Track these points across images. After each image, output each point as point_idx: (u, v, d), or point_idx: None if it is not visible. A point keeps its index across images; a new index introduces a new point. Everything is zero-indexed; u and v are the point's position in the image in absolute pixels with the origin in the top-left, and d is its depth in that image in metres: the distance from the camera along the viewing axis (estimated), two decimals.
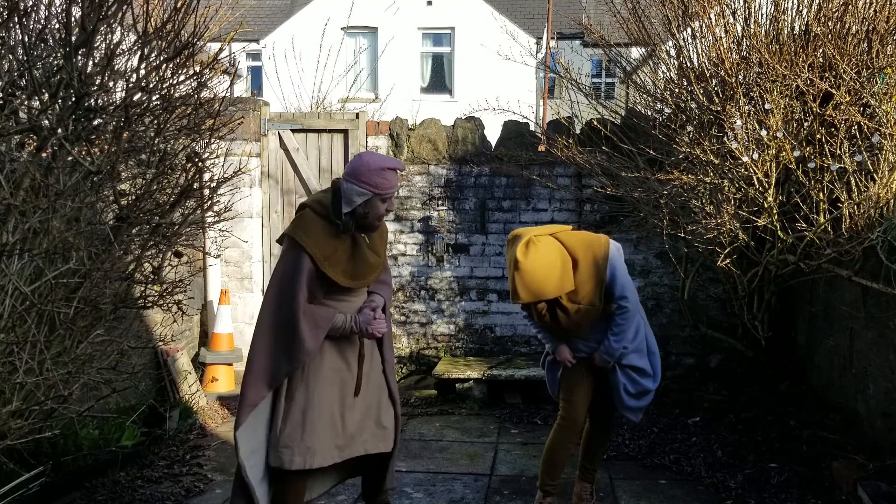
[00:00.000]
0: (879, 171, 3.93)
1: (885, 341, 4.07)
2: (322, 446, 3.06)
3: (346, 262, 3.08)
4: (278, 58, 10.53)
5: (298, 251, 3.01)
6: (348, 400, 3.14)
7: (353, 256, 3.09)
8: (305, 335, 2.97)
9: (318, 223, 3.06)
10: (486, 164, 6.48)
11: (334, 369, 3.13)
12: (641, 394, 3.64)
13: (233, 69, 6.82)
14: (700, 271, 5.97)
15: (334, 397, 3.11)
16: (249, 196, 6.44)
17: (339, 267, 3.06)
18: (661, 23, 5.74)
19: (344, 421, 3.12)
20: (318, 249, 3.00)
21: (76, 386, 2.76)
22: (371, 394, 3.23)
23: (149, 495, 4.01)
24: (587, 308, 3.47)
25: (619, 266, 3.51)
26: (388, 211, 3.09)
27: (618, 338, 3.51)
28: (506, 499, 4.10)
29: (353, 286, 3.10)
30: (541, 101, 16.86)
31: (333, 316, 3.05)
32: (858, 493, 3.69)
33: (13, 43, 2.66)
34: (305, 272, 3.00)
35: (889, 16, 4.25)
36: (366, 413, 3.20)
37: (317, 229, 3.05)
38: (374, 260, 3.18)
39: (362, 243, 3.12)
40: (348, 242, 3.09)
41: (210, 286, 6.36)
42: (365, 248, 3.14)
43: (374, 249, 3.19)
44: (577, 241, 3.48)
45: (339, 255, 3.05)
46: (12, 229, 2.47)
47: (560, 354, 3.63)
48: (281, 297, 3.05)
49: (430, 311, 6.60)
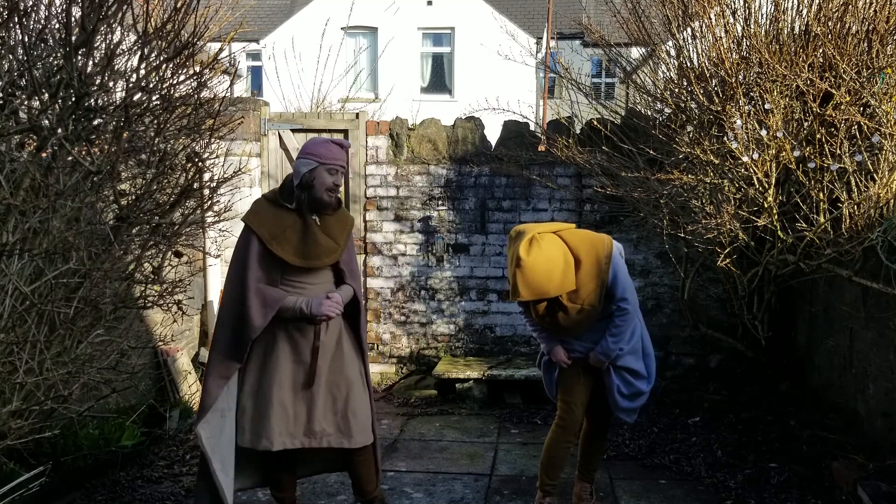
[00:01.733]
0: (879, 171, 3.93)
1: (885, 341, 4.07)
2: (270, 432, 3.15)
3: (296, 243, 3.18)
4: (278, 58, 10.52)
5: (247, 233, 3.20)
6: (300, 391, 3.20)
7: (304, 237, 3.20)
8: (253, 312, 3.09)
9: (266, 207, 3.25)
10: (486, 164, 6.48)
11: (287, 359, 3.20)
12: (635, 395, 3.64)
13: (233, 69, 6.82)
14: (700, 271, 5.97)
15: (286, 387, 3.18)
16: (249, 196, 6.44)
17: (289, 246, 3.17)
18: (661, 23, 5.74)
19: (295, 410, 3.19)
20: (266, 229, 3.16)
21: (76, 386, 2.76)
22: (337, 387, 3.27)
23: (149, 495, 4.01)
24: (587, 308, 3.46)
25: (620, 267, 3.50)
26: (335, 185, 3.19)
27: (615, 339, 3.50)
28: (506, 499, 4.10)
29: (303, 265, 3.19)
30: (541, 101, 16.86)
31: (284, 297, 3.15)
32: (858, 493, 3.69)
33: (13, 43, 2.66)
34: (254, 253, 3.15)
35: (889, 16, 4.25)
36: (327, 406, 3.24)
37: (265, 212, 3.22)
38: (327, 243, 3.25)
39: (313, 225, 3.23)
40: (299, 223, 3.21)
41: (210, 286, 6.36)
42: (317, 230, 3.23)
43: (328, 234, 3.27)
44: (581, 241, 3.46)
45: (287, 234, 3.18)
46: (12, 229, 2.47)
47: (555, 355, 3.62)
48: (231, 278, 3.23)
49: (430, 311, 6.60)
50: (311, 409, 3.20)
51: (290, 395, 3.18)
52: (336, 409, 3.25)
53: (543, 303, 3.49)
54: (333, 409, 3.25)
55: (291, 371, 3.20)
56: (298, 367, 3.21)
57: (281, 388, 3.17)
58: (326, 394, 3.23)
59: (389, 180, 6.59)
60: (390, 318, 6.65)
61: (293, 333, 3.21)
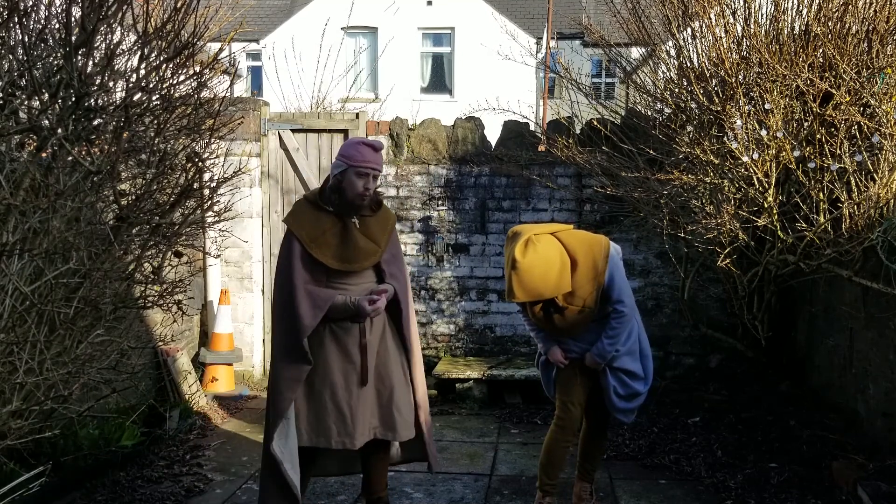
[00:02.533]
0: (879, 171, 3.93)
1: (885, 341, 4.07)
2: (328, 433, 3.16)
3: (335, 246, 3.17)
4: (278, 58, 10.52)
5: (289, 236, 3.20)
6: (354, 390, 3.19)
7: (344, 240, 3.18)
8: (303, 312, 3.09)
9: (307, 209, 3.23)
10: (486, 164, 6.48)
11: (336, 359, 3.19)
12: (631, 396, 3.64)
13: (233, 69, 6.82)
14: (700, 271, 5.97)
15: (338, 387, 3.18)
16: (249, 196, 6.44)
17: (329, 250, 3.16)
18: (661, 23, 5.74)
19: (352, 411, 3.18)
20: (305, 232, 3.15)
21: (76, 386, 2.76)
22: (382, 382, 3.27)
23: (149, 495, 4.01)
24: (584, 310, 3.46)
25: (617, 269, 3.49)
26: (366, 189, 3.15)
27: (611, 341, 3.50)
28: (506, 499, 4.10)
29: (342, 269, 3.18)
30: (541, 101, 16.86)
31: (333, 296, 3.14)
32: (858, 493, 3.69)
33: (13, 43, 2.66)
34: (298, 255, 3.15)
35: (889, 16, 4.24)
36: (374, 401, 3.25)
37: (305, 214, 3.21)
38: (366, 245, 3.23)
39: (353, 228, 3.21)
40: (339, 227, 3.19)
41: (210, 286, 6.36)
42: (356, 233, 3.21)
43: (368, 236, 3.25)
44: (578, 242, 3.45)
45: (327, 237, 3.16)
46: (12, 229, 2.47)
47: (552, 356, 3.63)
48: (279, 282, 3.23)
49: (430, 311, 6.60)
50: (366, 407, 3.21)
51: (345, 395, 3.18)
52: (381, 403, 3.26)
53: (540, 304, 3.49)
54: (379, 402, 3.26)
55: (342, 371, 3.19)
56: (348, 366, 3.20)
57: (334, 389, 3.17)
58: (372, 388, 3.24)
59: (389, 180, 6.59)
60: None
61: (339, 333, 3.20)
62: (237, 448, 4.89)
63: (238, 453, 4.79)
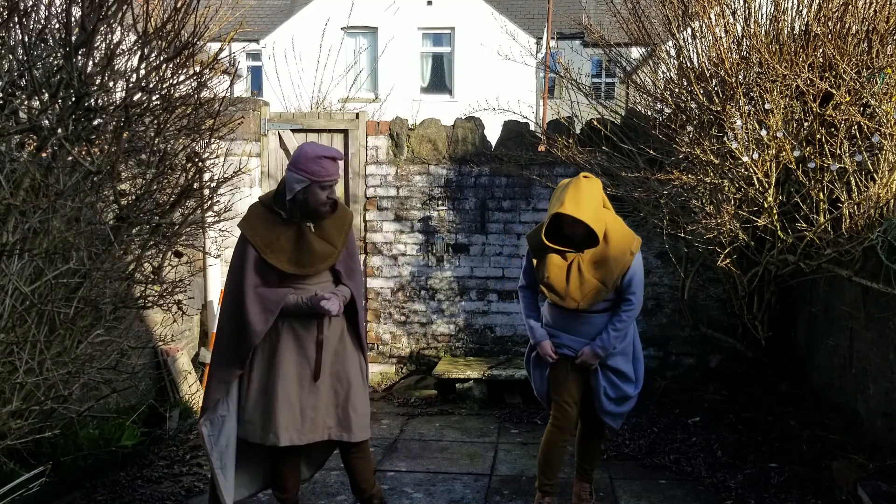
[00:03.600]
0: (879, 171, 3.93)
1: (885, 341, 4.07)
2: (277, 427, 3.17)
3: (290, 250, 3.19)
4: (278, 58, 10.52)
5: (243, 241, 3.22)
6: (306, 384, 3.22)
7: (298, 244, 3.20)
8: (253, 318, 3.12)
9: (260, 214, 3.25)
10: (486, 164, 6.48)
11: (292, 354, 3.22)
12: (621, 399, 3.64)
13: (233, 69, 6.82)
14: (700, 271, 5.97)
15: (291, 381, 3.20)
16: (249, 196, 6.44)
17: (283, 254, 3.18)
18: (661, 23, 5.74)
19: (301, 405, 3.21)
20: (259, 238, 3.17)
21: (76, 386, 2.76)
22: (339, 382, 3.30)
23: (149, 495, 4.01)
24: (599, 286, 3.48)
25: (641, 269, 3.59)
26: (329, 199, 3.19)
27: (617, 333, 3.52)
28: (506, 499, 4.10)
29: (297, 272, 3.21)
30: (541, 101, 16.86)
31: (285, 297, 3.16)
32: (858, 493, 3.69)
33: (13, 43, 2.66)
34: (251, 260, 3.18)
35: (889, 16, 4.24)
36: (329, 399, 3.27)
37: (259, 219, 3.23)
38: (321, 248, 3.26)
39: (307, 232, 3.23)
40: (293, 231, 3.21)
41: (210, 286, 6.35)
42: (311, 237, 3.23)
43: (324, 238, 3.27)
44: (617, 220, 3.63)
45: (281, 242, 3.19)
46: (12, 229, 2.47)
47: (542, 348, 3.64)
48: (229, 284, 3.26)
49: (430, 311, 6.60)
50: (316, 403, 3.23)
51: (297, 389, 3.21)
52: (337, 403, 3.29)
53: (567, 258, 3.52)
54: (335, 402, 3.28)
55: (296, 365, 3.22)
56: (303, 361, 3.23)
57: (286, 382, 3.19)
58: (329, 388, 3.27)
59: (389, 180, 6.59)
60: (390, 318, 6.65)
61: (296, 329, 3.23)
62: None
63: None
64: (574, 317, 3.59)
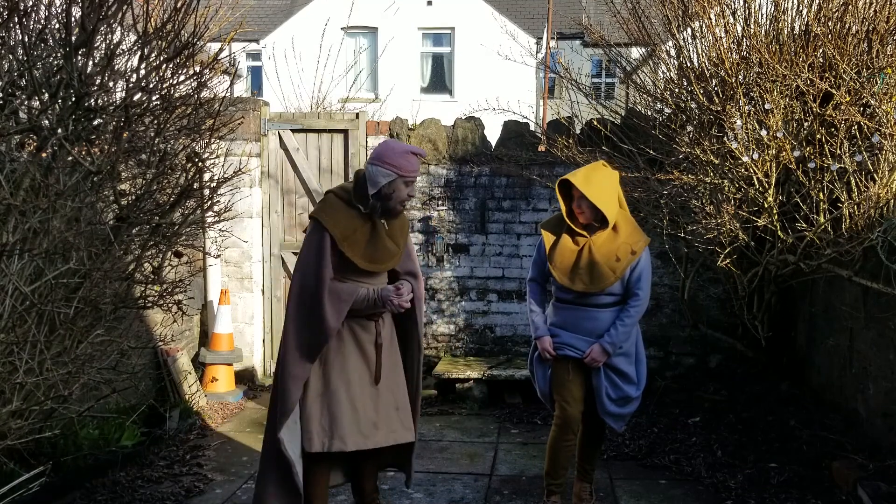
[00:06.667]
0: (879, 171, 3.93)
1: (885, 341, 4.07)
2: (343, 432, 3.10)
3: (364, 246, 3.14)
4: (278, 58, 10.53)
5: (321, 231, 3.11)
6: (367, 388, 3.18)
7: (373, 241, 3.16)
8: (328, 313, 3.04)
9: (339, 206, 3.17)
10: (486, 164, 6.48)
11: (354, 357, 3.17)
12: (623, 400, 3.64)
13: (233, 69, 6.82)
14: (700, 271, 5.97)
15: (353, 384, 3.15)
16: (249, 196, 6.44)
17: (358, 249, 3.13)
18: (661, 23, 5.73)
19: (365, 409, 3.15)
20: (339, 230, 3.10)
21: (76, 386, 2.76)
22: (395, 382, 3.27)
23: (149, 495, 4.01)
24: (608, 274, 3.51)
25: (649, 268, 3.64)
26: (409, 196, 3.19)
27: (626, 328, 3.54)
28: (506, 499, 4.10)
29: (370, 269, 3.16)
30: (541, 101, 16.87)
31: (356, 290, 3.11)
32: (858, 493, 3.69)
33: (13, 43, 2.66)
34: (328, 251, 3.09)
35: (889, 16, 4.24)
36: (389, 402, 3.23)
37: (338, 211, 3.15)
38: (391, 247, 3.23)
39: (382, 229, 3.20)
40: (368, 226, 3.17)
41: (210, 286, 6.36)
42: (384, 235, 3.20)
43: (392, 238, 3.25)
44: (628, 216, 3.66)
45: (358, 237, 3.13)
46: (12, 229, 2.47)
47: (542, 343, 3.66)
48: (306, 277, 3.13)
49: (431, 311, 6.60)
50: (376, 406, 3.18)
51: (360, 392, 3.15)
52: (397, 405, 3.26)
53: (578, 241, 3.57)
54: (394, 404, 3.25)
55: (359, 369, 3.17)
56: (364, 364, 3.18)
57: (350, 386, 3.14)
58: (387, 390, 3.23)
59: None
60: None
61: (357, 331, 3.18)
62: (237, 448, 4.89)
63: (238, 453, 4.79)
64: (579, 313, 3.60)
